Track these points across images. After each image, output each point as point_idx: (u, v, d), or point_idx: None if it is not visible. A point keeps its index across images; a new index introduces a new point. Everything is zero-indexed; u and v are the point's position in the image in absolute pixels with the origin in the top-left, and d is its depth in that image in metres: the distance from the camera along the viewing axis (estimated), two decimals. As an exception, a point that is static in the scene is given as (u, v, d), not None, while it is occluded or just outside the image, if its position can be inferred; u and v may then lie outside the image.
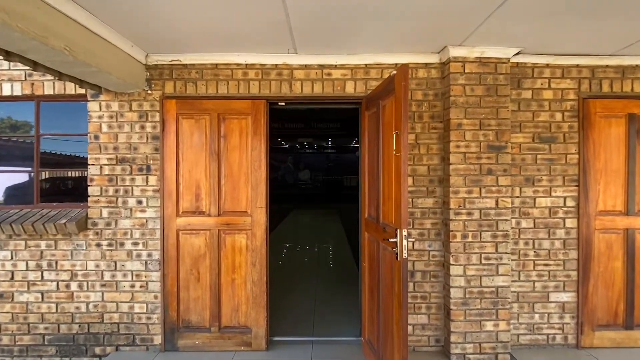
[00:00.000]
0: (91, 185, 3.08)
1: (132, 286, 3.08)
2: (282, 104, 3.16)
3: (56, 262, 3.09)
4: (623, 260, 3.10)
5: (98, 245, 3.08)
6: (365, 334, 2.98)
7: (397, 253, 2.14)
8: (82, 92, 3.06)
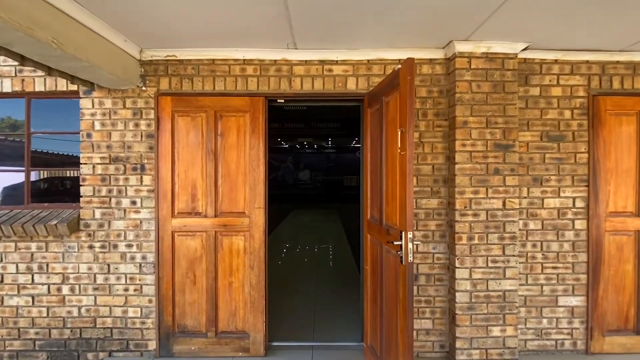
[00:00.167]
0: (83, 185, 2.97)
1: (126, 290, 2.97)
2: (281, 101, 3.06)
3: (47, 264, 2.98)
4: (634, 263, 3.00)
5: (90, 247, 2.97)
6: (368, 339, 2.87)
7: (401, 257, 2.03)
8: (74, 88, 2.95)
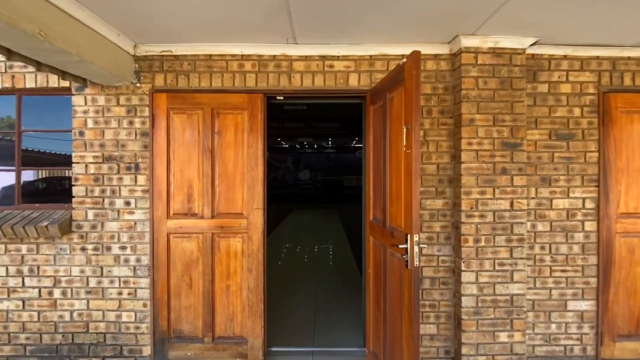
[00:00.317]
0: (76, 185, 2.87)
1: (120, 293, 2.87)
2: (280, 97, 2.95)
3: (38, 267, 2.88)
4: (646, 266, 2.90)
5: (83, 249, 2.87)
6: (370, 345, 2.77)
7: (407, 261, 1.93)
8: (66, 85, 2.85)
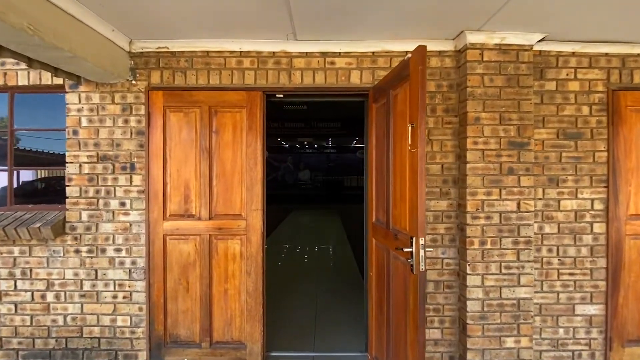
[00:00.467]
0: (69, 186, 2.78)
1: (115, 297, 2.78)
2: (280, 95, 2.87)
3: (31, 270, 2.79)
4: (656, 269, 2.81)
5: (77, 251, 2.78)
6: (372, 350, 2.69)
7: (412, 265, 1.85)
8: (59, 82, 2.77)
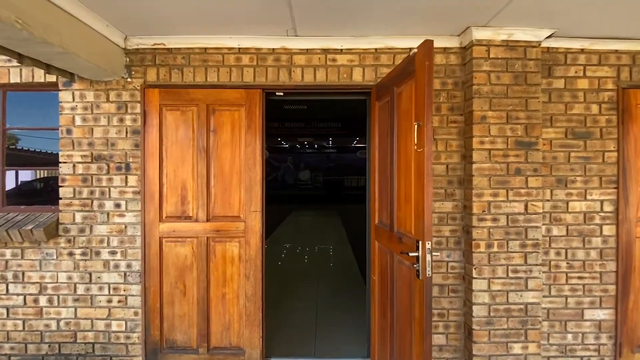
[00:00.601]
0: (63, 186, 2.70)
1: (109, 301, 2.70)
2: (280, 93, 2.79)
3: (23, 273, 2.71)
4: (668, 273, 2.73)
5: (70, 254, 2.70)
6: (375, 356, 2.60)
7: (418, 270, 1.76)
8: (52, 79, 2.69)
